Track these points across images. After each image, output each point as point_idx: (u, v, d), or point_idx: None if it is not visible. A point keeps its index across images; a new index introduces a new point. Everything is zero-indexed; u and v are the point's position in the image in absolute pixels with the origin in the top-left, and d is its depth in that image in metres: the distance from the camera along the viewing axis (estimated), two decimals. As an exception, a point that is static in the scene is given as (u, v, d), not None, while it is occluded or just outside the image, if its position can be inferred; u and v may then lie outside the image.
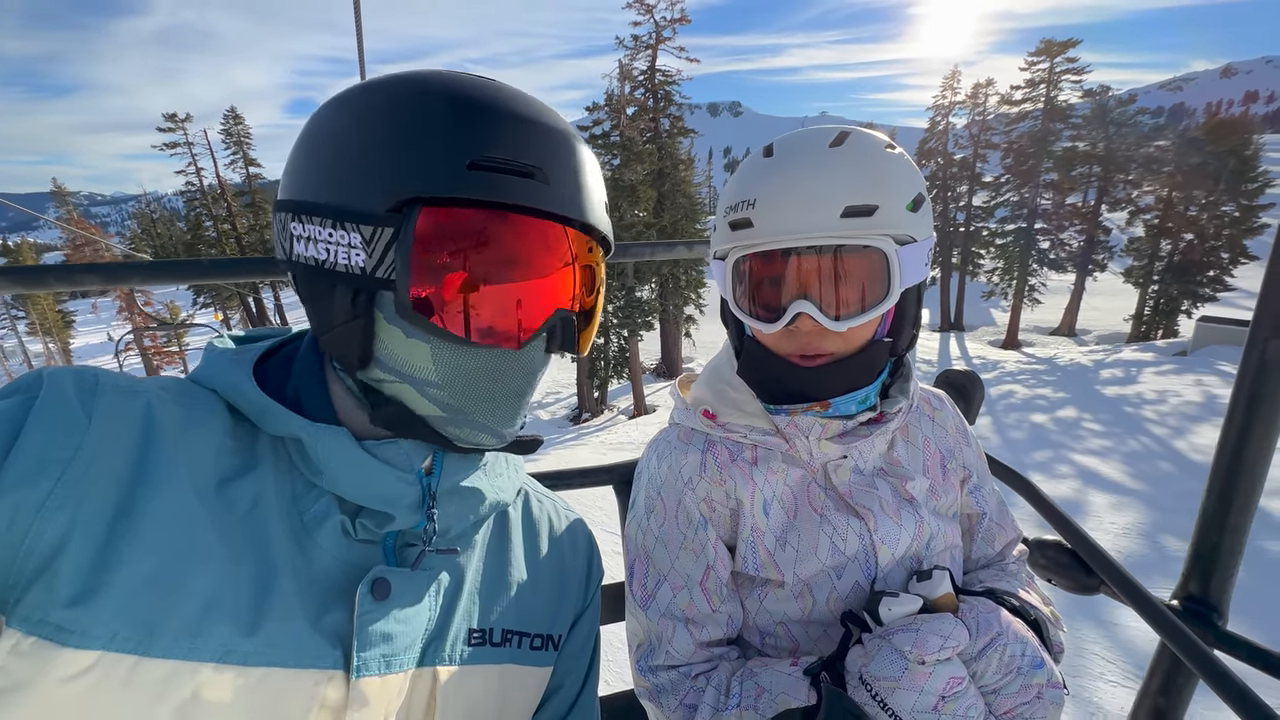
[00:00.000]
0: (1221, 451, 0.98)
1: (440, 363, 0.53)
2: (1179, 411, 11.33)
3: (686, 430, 0.93)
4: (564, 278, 0.55)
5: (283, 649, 0.46)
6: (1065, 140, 26.65)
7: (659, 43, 23.24)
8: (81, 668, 0.40)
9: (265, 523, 0.50)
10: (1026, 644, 0.71)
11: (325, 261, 0.50)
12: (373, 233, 0.49)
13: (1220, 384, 12.96)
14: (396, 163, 0.49)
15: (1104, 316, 32.55)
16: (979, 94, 30.80)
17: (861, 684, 0.67)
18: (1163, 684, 1.02)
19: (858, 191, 0.73)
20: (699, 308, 24.63)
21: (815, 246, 0.75)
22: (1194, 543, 1.01)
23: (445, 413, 0.54)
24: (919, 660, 0.65)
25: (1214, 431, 9.40)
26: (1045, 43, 26.56)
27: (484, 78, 0.54)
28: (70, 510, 0.41)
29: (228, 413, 0.53)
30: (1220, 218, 25.51)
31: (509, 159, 0.50)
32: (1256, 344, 0.92)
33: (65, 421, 0.43)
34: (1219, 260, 25.79)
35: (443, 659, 0.56)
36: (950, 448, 0.96)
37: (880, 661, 0.67)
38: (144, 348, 24.20)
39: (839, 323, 0.75)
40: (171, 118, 34.28)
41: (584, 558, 0.76)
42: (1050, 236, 26.49)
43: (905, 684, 0.65)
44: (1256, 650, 0.89)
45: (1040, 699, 0.69)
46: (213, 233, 34.99)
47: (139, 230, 51.86)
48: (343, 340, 0.53)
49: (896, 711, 0.64)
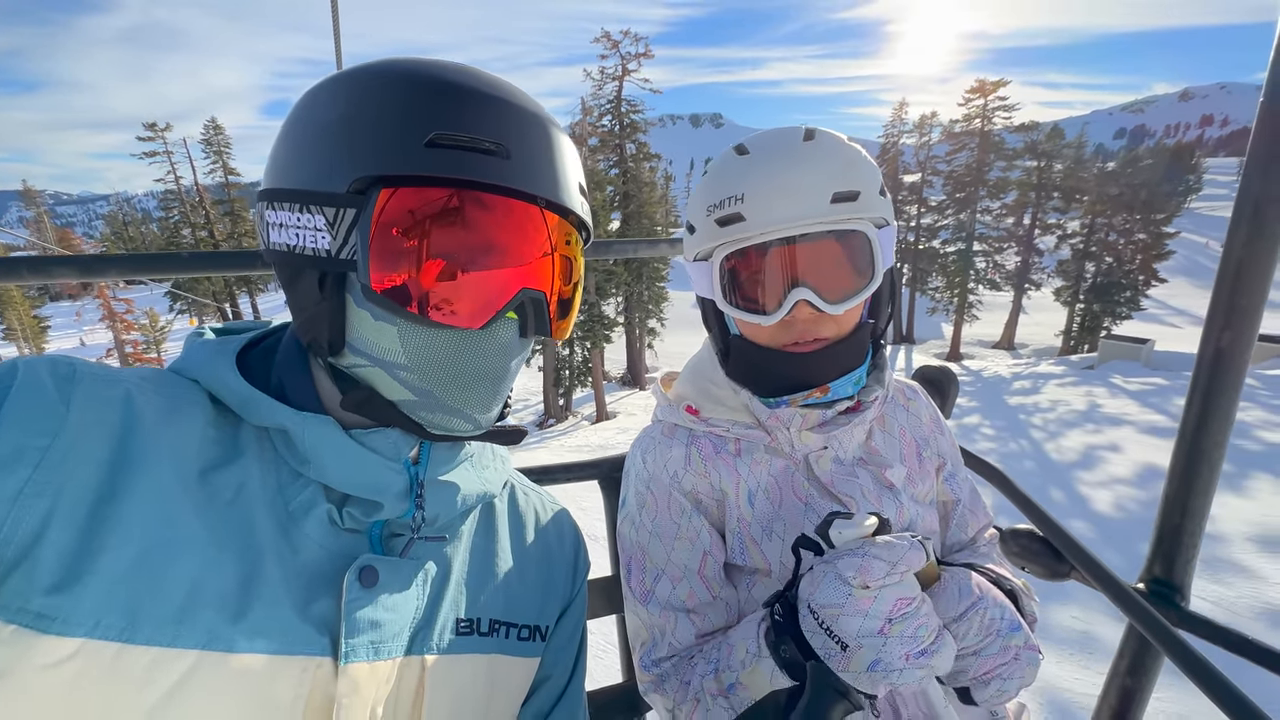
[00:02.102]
0: (1181, 439, 1.00)
1: (408, 344, 0.52)
2: (1060, 419, 13.02)
3: (670, 425, 0.94)
4: (531, 254, 0.54)
5: (270, 635, 0.46)
6: (998, 170, 29.15)
7: (624, 75, 25.07)
8: (63, 655, 0.39)
9: (250, 511, 0.49)
10: (1004, 608, 0.72)
11: (295, 246, 0.50)
12: (335, 214, 0.48)
13: (1106, 395, 14.80)
14: (355, 143, 0.48)
15: (1042, 331, 34.97)
16: (924, 124, 33.28)
17: (809, 612, 0.65)
18: (1130, 664, 1.04)
19: (841, 179, 0.76)
20: (660, 321, 26.37)
21: (809, 234, 0.77)
22: (1157, 527, 1.04)
23: (416, 396, 0.54)
24: (863, 585, 0.62)
25: (1082, 435, 11.27)
26: (980, 81, 29.15)
27: (454, 63, 0.53)
28: (49, 498, 0.41)
29: (210, 403, 0.52)
30: (1135, 244, 28.26)
31: (471, 135, 0.49)
32: (1211, 336, 0.94)
33: (42, 409, 0.42)
34: (1135, 281, 28.49)
35: (430, 648, 0.56)
36: (925, 436, 0.98)
37: (825, 589, 0.64)
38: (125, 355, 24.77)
39: (836, 306, 0.77)
40: (151, 126, 34.92)
41: (570, 549, 0.76)
42: (988, 258, 28.83)
43: (849, 610, 0.62)
44: (1217, 629, 0.91)
45: (1018, 660, 0.71)
46: (190, 239, 35.57)
47: (110, 233, 51.19)
48: (314, 325, 0.52)
49: (842, 638, 0.62)
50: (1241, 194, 0.90)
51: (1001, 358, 27.60)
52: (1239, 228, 0.90)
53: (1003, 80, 28.56)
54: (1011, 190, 29.66)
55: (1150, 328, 36.58)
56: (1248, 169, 0.89)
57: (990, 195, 28.63)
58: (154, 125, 34.97)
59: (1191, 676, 0.84)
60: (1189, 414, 0.99)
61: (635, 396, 23.89)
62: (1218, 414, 0.96)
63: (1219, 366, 0.95)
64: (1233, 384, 0.95)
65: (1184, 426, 1.00)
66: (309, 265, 0.51)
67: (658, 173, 28.19)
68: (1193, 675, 0.83)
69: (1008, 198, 29.85)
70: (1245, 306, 0.91)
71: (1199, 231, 78.34)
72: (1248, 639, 0.87)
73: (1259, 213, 0.87)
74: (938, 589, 0.71)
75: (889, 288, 0.86)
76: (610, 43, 24.67)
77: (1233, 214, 0.91)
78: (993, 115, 29.08)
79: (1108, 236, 28.74)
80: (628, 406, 22.13)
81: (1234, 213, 0.91)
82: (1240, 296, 0.91)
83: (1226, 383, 0.95)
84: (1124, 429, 11.36)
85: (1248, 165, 0.89)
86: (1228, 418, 0.96)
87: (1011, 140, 29.94)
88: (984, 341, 34.02)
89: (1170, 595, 1.01)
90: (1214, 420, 0.96)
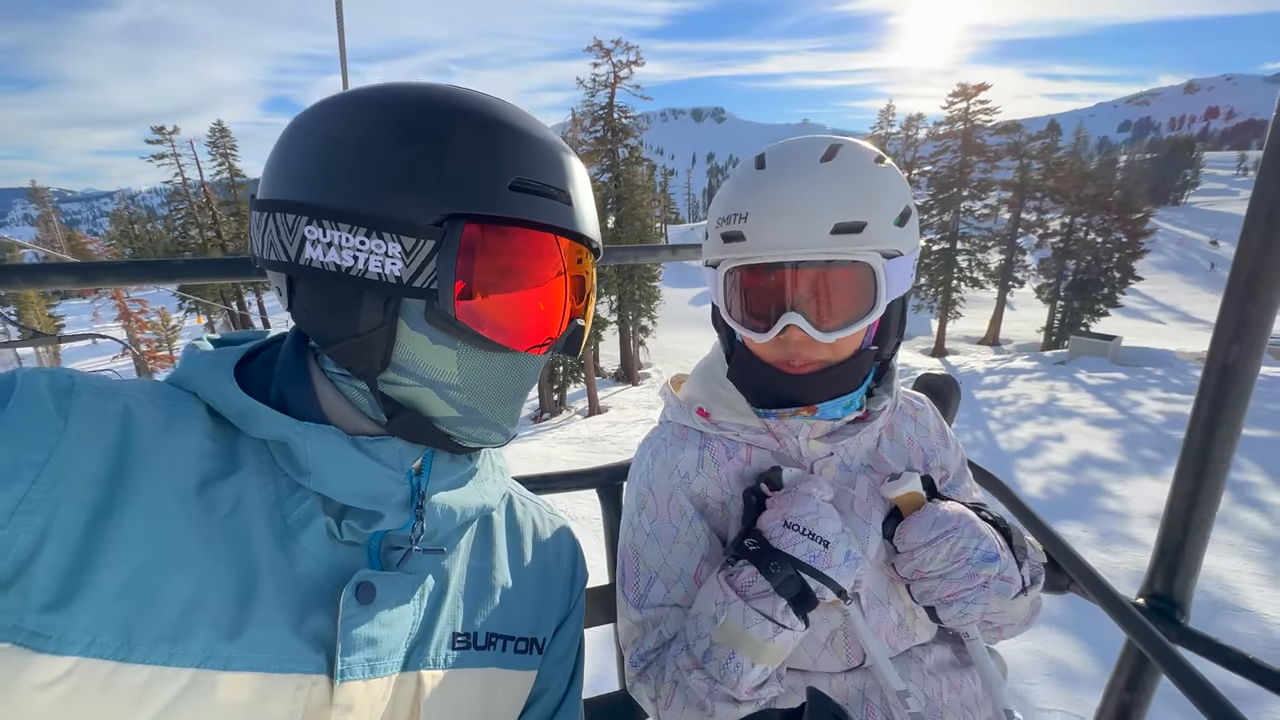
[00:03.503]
0: (1186, 452, 0.97)
1: (465, 366, 0.55)
2: (1019, 411, 13.80)
3: (680, 427, 0.95)
4: (576, 288, 0.60)
5: (265, 653, 0.46)
6: (979, 172, 30.10)
7: (616, 83, 26.16)
8: (57, 674, 0.39)
9: (247, 525, 0.49)
10: (982, 539, 0.76)
11: (352, 269, 0.50)
12: (414, 244, 0.50)
13: (1066, 389, 15.64)
14: (444, 180, 0.50)
15: (1027, 327, 35.79)
16: (911, 126, 34.14)
17: (787, 528, 0.75)
18: (1129, 680, 1.03)
19: (847, 208, 0.75)
20: (652, 319, 27.41)
21: (805, 261, 0.77)
22: (1159, 541, 1.02)
23: (461, 413, 0.57)
24: (824, 499, 0.78)
25: (1034, 427, 12.35)
26: (961, 86, 30.05)
27: (495, 97, 0.56)
28: (45, 515, 0.40)
29: (208, 415, 0.52)
30: (1112, 243, 29.22)
31: (543, 182, 0.54)
32: (1219, 349, 0.91)
33: (39, 424, 0.42)
34: (1112, 280, 29.46)
35: (427, 663, 0.56)
36: (932, 447, 0.99)
37: (799, 505, 0.76)
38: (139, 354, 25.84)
39: (827, 334, 0.78)
40: (160, 130, 36.00)
41: (568, 561, 0.77)
42: (970, 257, 29.78)
43: (823, 514, 0.75)
44: (1216, 646, 0.90)
45: (985, 588, 0.75)
46: (198, 239, 36.70)
47: (116, 231, 51.60)
48: (367, 347, 0.53)
49: (823, 536, 0.74)
50: (1255, 201, 0.86)
51: (984, 353, 28.48)
52: (1251, 235, 0.86)
53: (983, 85, 29.48)
54: (994, 190, 30.58)
55: (1133, 324, 37.41)
56: (1262, 174, 0.86)
57: (972, 196, 29.54)
58: (162, 129, 36.01)
59: (1188, 694, 0.82)
60: (1194, 427, 0.96)
61: (627, 392, 24.91)
62: (1224, 427, 0.93)
63: (1226, 379, 0.91)
64: (1240, 397, 0.91)
65: (1189, 440, 0.97)
66: (370, 289, 0.51)
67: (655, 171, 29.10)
68: (1189, 693, 0.82)
69: (990, 198, 30.75)
70: (1256, 317, 0.87)
71: (1193, 227, 78.52)
72: (1249, 658, 0.86)
73: (1273, 220, 0.84)
74: (914, 518, 0.81)
75: (899, 315, 0.85)
76: (603, 51, 25.74)
77: (1245, 221, 0.88)
78: (974, 118, 29.97)
79: (1086, 235, 29.73)
80: (619, 401, 23.14)
81: (1246, 220, 0.87)
82: (1252, 306, 0.87)
83: (1234, 396, 0.91)
84: (1073, 420, 12.26)
85: (1262, 171, 0.86)
86: (1234, 432, 0.93)
87: (996, 141, 30.85)
88: (970, 337, 34.81)
89: (1170, 611, 1.00)
90: (1220, 434, 0.93)
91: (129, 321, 27.49)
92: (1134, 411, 12.71)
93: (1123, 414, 12.60)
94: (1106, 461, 9.52)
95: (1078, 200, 29.34)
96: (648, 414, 18.99)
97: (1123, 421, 12.00)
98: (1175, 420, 11.57)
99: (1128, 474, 8.81)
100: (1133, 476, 8.69)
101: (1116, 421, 12.01)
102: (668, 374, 19.12)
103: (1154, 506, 7.56)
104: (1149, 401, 13.38)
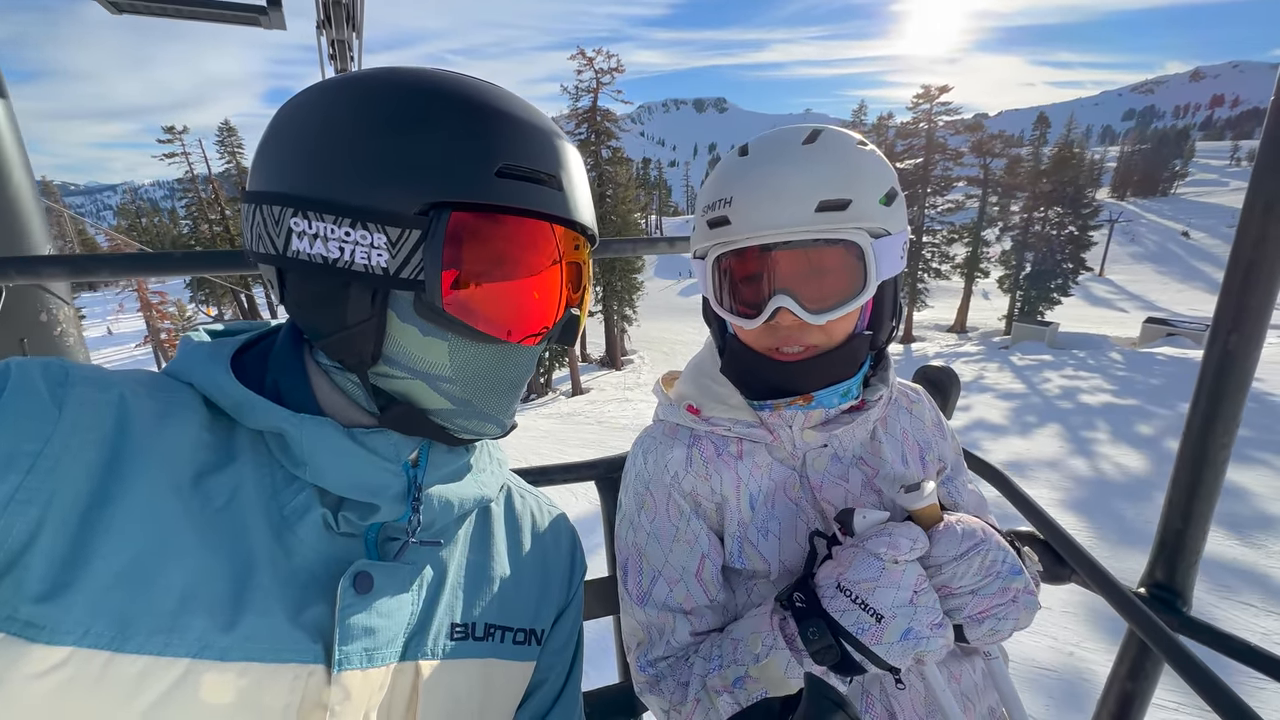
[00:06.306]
0: (1185, 442, 0.97)
1: (456, 358, 0.54)
2: None
3: (671, 425, 0.94)
4: (572, 276, 0.58)
5: (261, 643, 0.46)
6: (941, 169, 32.03)
7: (599, 88, 28.39)
8: (52, 664, 0.39)
9: (243, 516, 0.49)
10: (1007, 553, 0.74)
11: (339, 260, 0.49)
12: (400, 234, 0.49)
13: (995, 369, 17.67)
14: (427, 167, 0.49)
15: (993, 316, 37.83)
16: (882, 126, 35.97)
17: (839, 591, 0.69)
18: (1130, 669, 1.03)
19: (831, 186, 0.74)
20: (633, 309, 29.63)
21: (791, 241, 0.76)
22: (1160, 531, 1.02)
23: (455, 405, 0.56)
24: (894, 560, 0.68)
25: None
26: (925, 88, 31.96)
27: (483, 80, 0.54)
28: (40, 505, 0.40)
29: (204, 406, 0.52)
30: (1065, 236, 31.34)
31: (532, 168, 0.52)
32: (1218, 338, 0.91)
33: (34, 413, 0.42)
34: (1065, 270, 31.56)
35: (425, 653, 0.56)
36: (928, 440, 0.98)
37: (858, 566, 0.69)
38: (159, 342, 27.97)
39: (817, 316, 0.77)
40: (170, 129, 38.10)
41: (566, 553, 0.76)
42: (935, 249, 31.74)
43: (884, 582, 0.68)
44: (1219, 635, 0.90)
45: (1015, 602, 0.72)
46: (208, 234, 38.84)
47: (124, 225, 53.05)
48: (357, 340, 0.52)
49: (877, 609, 0.67)
50: (1251, 193, 0.86)
51: (945, 340, 30.55)
52: (1249, 227, 0.87)
53: (946, 86, 31.37)
54: (957, 185, 32.54)
55: (1097, 313, 39.34)
56: (1258, 167, 0.86)
57: (936, 191, 31.51)
58: (172, 128, 38.11)
59: (1190, 682, 0.83)
60: (1194, 417, 0.96)
61: (610, 375, 27.13)
62: (1223, 418, 0.93)
63: (1225, 369, 0.91)
64: (1239, 387, 0.92)
65: (1188, 430, 0.97)
66: (357, 280, 0.50)
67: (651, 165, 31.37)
68: (1192, 681, 0.82)
69: (954, 194, 32.73)
70: (1254, 308, 0.88)
71: (1177, 218, 79.71)
72: (1251, 646, 0.86)
73: (1270, 212, 0.84)
74: (942, 530, 0.74)
75: (891, 299, 0.85)
76: (585, 59, 28.00)
77: (1242, 213, 0.88)
78: (938, 118, 31.86)
79: (1043, 229, 31.71)
80: (600, 384, 25.40)
81: (1243, 212, 0.88)
82: (1250, 297, 0.88)
83: (1233, 386, 0.91)
84: (985, 395, 14.34)
85: (1258, 163, 0.86)
86: (1234, 422, 0.93)
87: (959, 141, 32.72)
88: (939, 325, 36.75)
89: (1171, 600, 1.00)
90: (1219, 424, 0.94)
91: (150, 312, 29.76)
92: (1040, 387, 14.85)
93: (1029, 388, 14.64)
94: (991, 424, 11.71)
95: (1034, 195, 31.34)
96: (624, 394, 21.19)
97: (1024, 395, 14.09)
98: (1069, 393, 13.66)
99: (1003, 434, 11.00)
100: (1005, 436, 10.86)
101: (1019, 395, 14.11)
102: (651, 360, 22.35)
103: (1010, 456, 9.57)
104: (1056, 378, 15.52)
